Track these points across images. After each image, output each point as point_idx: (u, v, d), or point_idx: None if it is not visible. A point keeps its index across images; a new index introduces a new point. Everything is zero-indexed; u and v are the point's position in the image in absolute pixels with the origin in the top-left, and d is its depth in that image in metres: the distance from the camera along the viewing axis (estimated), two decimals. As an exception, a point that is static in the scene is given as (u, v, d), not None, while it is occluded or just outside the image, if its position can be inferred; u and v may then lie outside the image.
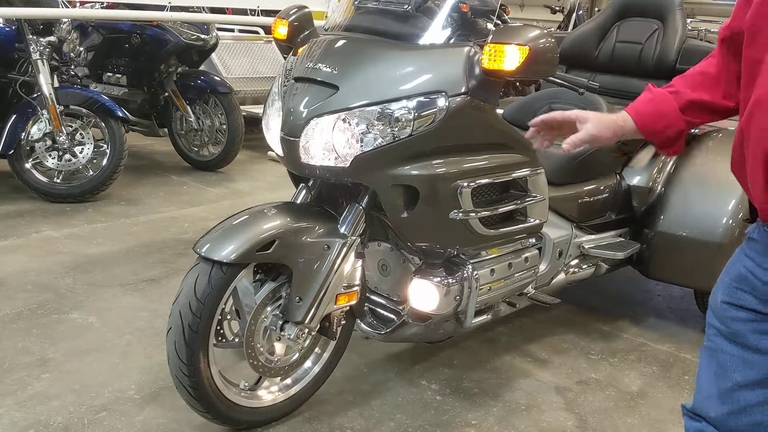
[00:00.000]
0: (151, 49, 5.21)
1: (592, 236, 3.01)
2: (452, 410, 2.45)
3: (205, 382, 2.05)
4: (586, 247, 2.95)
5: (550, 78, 2.25)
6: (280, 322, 2.17)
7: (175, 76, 5.31)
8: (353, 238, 2.19)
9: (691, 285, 3.13)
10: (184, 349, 2.00)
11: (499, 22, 2.35)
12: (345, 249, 2.17)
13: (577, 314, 3.27)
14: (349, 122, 2.06)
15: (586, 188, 2.97)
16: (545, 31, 2.07)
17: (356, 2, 2.38)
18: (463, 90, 2.07)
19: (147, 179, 5.12)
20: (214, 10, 5.17)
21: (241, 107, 5.65)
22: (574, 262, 2.96)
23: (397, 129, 2.05)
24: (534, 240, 2.65)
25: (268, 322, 2.16)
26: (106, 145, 4.47)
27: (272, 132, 2.29)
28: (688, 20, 3.88)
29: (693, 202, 3.00)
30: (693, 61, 3.13)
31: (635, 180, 3.13)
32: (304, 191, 2.38)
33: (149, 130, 5.55)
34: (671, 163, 3.15)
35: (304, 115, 2.12)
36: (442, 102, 2.05)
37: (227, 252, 2.01)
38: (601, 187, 3.03)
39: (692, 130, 3.31)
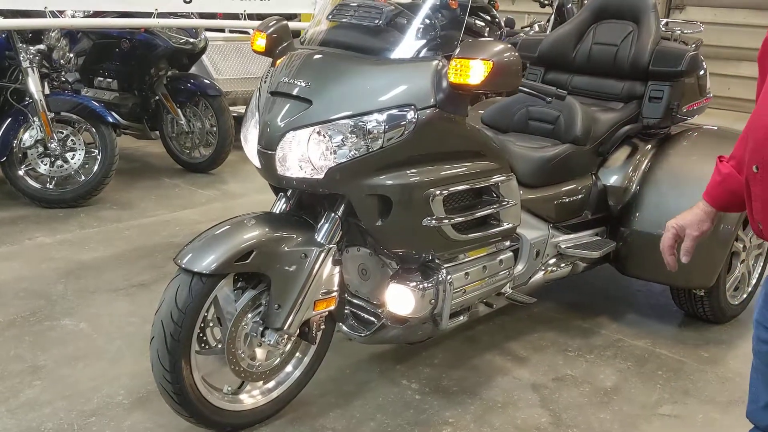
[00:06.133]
0: (140, 54, 5.27)
1: (569, 236, 3.08)
2: (431, 409, 2.54)
3: (188, 388, 2.13)
4: (563, 246, 3.03)
5: (519, 88, 2.32)
6: (261, 329, 2.25)
7: (165, 80, 5.37)
8: (330, 246, 2.27)
9: (666, 282, 3.21)
10: (166, 357, 2.08)
11: (488, 17, 2.44)
12: (322, 257, 2.25)
13: (558, 312, 3.35)
14: (323, 135, 2.15)
15: (562, 189, 3.04)
16: (509, 45, 2.14)
17: (330, 17, 2.46)
18: (431, 103, 2.15)
19: (139, 182, 5.19)
20: (203, 15, 5.22)
21: (232, 108, 5.71)
22: (552, 261, 3.04)
23: (369, 141, 2.13)
24: (509, 243, 2.73)
25: (248, 328, 2.24)
26: (97, 151, 4.55)
27: (250, 144, 2.37)
28: (663, 20, 3.92)
29: (667, 200, 3.07)
30: (665, 62, 3.24)
31: (611, 180, 3.20)
32: (283, 200, 2.46)
33: (141, 133, 5.61)
34: (646, 162, 3.22)
35: (279, 128, 2.21)
36: (411, 115, 2.13)
37: (207, 263, 2.09)
38: (577, 188, 3.10)
39: (668, 129, 3.40)
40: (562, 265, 3.07)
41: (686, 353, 3.02)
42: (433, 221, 2.29)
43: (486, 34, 7.80)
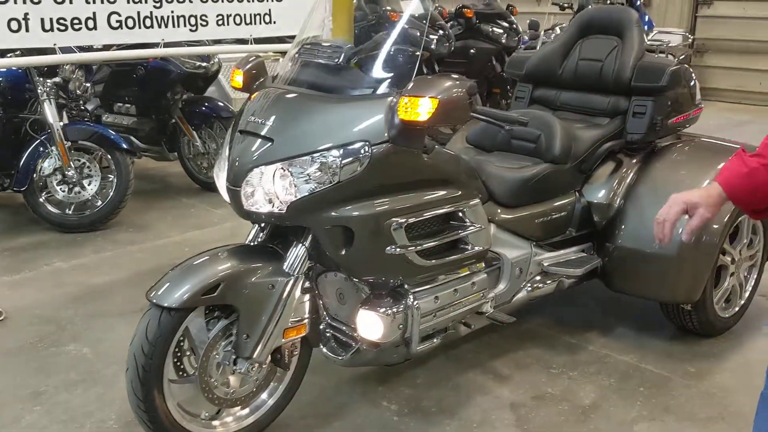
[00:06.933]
0: (155, 80, 5.47)
1: (553, 253, 3.11)
2: (407, 430, 2.62)
3: (162, 416, 2.25)
4: (546, 264, 3.06)
5: (474, 115, 2.38)
6: (233, 357, 2.36)
7: (180, 104, 5.56)
8: (297, 276, 2.37)
9: (652, 297, 3.22)
10: (139, 388, 2.21)
11: (506, 24, 2.48)
12: (289, 286, 2.35)
13: (547, 327, 3.38)
14: (285, 171, 2.25)
15: (543, 208, 3.06)
16: (458, 81, 2.21)
17: (296, 55, 2.56)
18: (384, 138, 2.23)
19: (158, 203, 5.38)
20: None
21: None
22: (537, 278, 3.07)
23: (328, 176, 2.22)
24: (484, 264, 2.79)
25: (220, 357, 2.35)
26: (113, 176, 4.75)
27: (221, 180, 2.49)
28: (655, 30, 3.90)
29: (649, 215, 3.07)
30: (646, 78, 3.24)
31: (595, 196, 3.20)
32: (257, 231, 2.57)
33: (160, 155, 5.81)
34: (631, 176, 3.23)
35: (244, 165, 2.32)
36: (365, 150, 2.21)
37: (175, 298, 2.21)
38: (560, 206, 3.12)
39: (654, 144, 3.40)
40: (548, 282, 3.10)
41: (672, 368, 3.03)
42: (397, 249, 2.37)
43: (504, 41, 7.84)
